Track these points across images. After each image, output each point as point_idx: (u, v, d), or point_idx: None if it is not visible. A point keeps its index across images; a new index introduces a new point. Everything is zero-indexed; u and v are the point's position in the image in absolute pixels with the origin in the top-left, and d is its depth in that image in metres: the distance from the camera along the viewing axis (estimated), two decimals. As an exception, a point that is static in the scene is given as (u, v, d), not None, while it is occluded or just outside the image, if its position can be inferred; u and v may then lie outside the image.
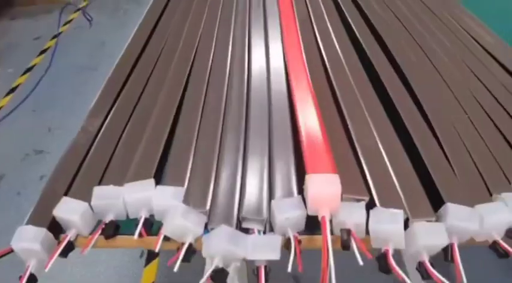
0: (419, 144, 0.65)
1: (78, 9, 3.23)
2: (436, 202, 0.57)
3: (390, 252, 0.52)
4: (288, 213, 0.53)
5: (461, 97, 0.75)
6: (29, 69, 2.64)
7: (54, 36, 2.96)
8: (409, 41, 0.92)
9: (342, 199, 0.55)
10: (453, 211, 0.55)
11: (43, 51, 2.80)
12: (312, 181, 0.52)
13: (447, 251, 0.54)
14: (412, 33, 0.95)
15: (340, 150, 0.62)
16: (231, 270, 0.53)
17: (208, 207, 0.55)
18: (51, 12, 3.24)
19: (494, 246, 0.55)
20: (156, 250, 0.54)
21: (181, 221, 0.53)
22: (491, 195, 0.59)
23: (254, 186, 0.58)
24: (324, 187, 0.52)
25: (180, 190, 0.57)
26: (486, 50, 0.89)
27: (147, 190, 0.58)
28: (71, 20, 3.15)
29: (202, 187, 0.58)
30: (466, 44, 0.92)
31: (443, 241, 0.52)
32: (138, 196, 0.58)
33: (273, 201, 0.55)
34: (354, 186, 0.56)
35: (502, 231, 0.56)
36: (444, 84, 0.79)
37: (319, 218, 0.51)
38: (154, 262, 1.53)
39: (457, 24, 0.99)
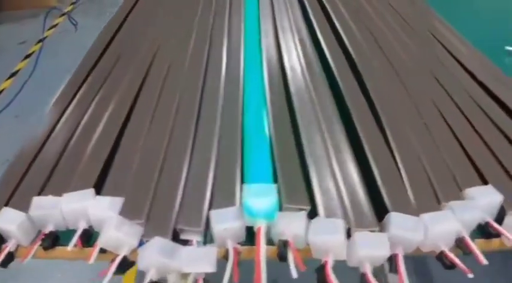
0: (370, 151, 0.63)
1: (64, 14, 3.23)
2: (384, 212, 0.56)
3: (329, 264, 0.51)
4: (226, 224, 0.52)
5: (420, 103, 0.74)
6: (13, 74, 2.62)
7: (40, 41, 2.94)
8: (373, 46, 0.90)
9: (281, 209, 0.53)
10: (396, 220, 0.53)
11: (28, 56, 2.79)
12: (245, 191, 0.51)
13: (391, 262, 0.53)
14: (377, 38, 0.94)
15: (285, 157, 0.60)
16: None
17: (144, 218, 0.54)
18: (37, 17, 3.23)
19: (441, 256, 0.54)
20: (90, 262, 0.53)
21: (114, 233, 0.52)
22: (440, 203, 0.58)
23: (194, 196, 0.56)
24: (259, 198, 0.50)
25: (118, 201, 0.56)
26: (457, 59, 0.87)
27: (85, 201, 0.56)
28: (56, 24, 3.15)
29: (140, 198, 0.56)
30: (435, 51, 0.90)
31: (384, 252, 0.51)
32: (76, 206, 0.56)
33: (211, 211, 0.53)
34: (295, 195, 0.55)
35: (449, 240, 0.54)
36: (404, 89, 0.77)
37: (255, 229, 0.50)
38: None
39: (429, 32, 0.98)
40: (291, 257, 0.49)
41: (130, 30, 1.03)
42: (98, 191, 0.59)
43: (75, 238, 0.55)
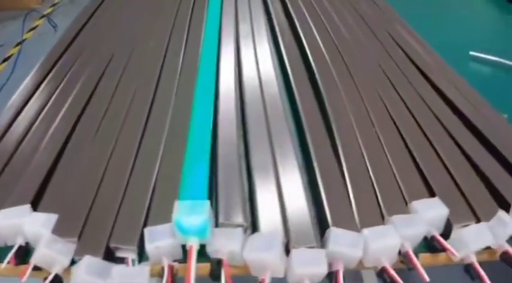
0: (317, 161, 0.62)
1: (44, 16, 3.19)
2: (327, 227, 0.55)
3: (267, 281, 0.50)
4: (159, 242, 0.50)
5: (374, 112, 0.73)
6: (-10, 78, 2.59)
7: (18, 43, 2.91)
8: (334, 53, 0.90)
9: (218, 225, 0.52)
10: (336, 236, 0.52)
11: (6, 59, 2.75)
12: (177, 208, 0.50)
13: (332, 278, 0.52)
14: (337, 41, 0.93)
15: (226, 171, 0.59)
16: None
17: (76, 236, 0.52)
18: (16, 19, 3.19)
19: (381, 273, 0.53)
20: (23, 279, 0.51)
21: (45, 250, 0.50)
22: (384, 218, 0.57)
23: (130, 213, 0.55)
24: (190, 215, 0.49)
25: (53, 218, 0.54)
26: (419, 69, 0.86)
27: (20, 217, 0.55)
28: (35, 27, 3.11)
29: (74, 215, 0.54)
30: (398, 62, 0.89)
31: (322, 269, 0.50)
32: (11, 222, 0.55)
33: (145, 229, 0.52)
34: (232, 211, 0.53)
35: (391, 256, 0.53)
36: (360, 99, 0.77)
37: (187, 247, 0.49)
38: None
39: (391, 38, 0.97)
40: (223, 276, 0.48)
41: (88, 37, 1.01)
42: (35, 207, 0.57)
43: (10, 255, 0.53)
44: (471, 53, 0.99)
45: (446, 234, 0.57)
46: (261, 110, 0.72)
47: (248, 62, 0.85)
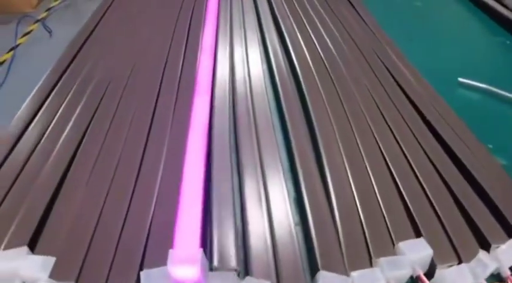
0: (308, 200, 0.64)
1: (38, 20, 3.16)
2: (317, 269, 0.56)
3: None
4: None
5: (366, 147, 0.75)
6: (-17, 84, 2.57)
7: (12, 49, 2.89)
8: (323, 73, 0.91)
9: (212, 269, 0.54)
10: (325, 279, 0.54)
11: (-1, 65, 2.73)
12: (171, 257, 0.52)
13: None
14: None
15: (221, 217, 0.61)
16: None
17: (74, 279, 0.54)
18: (9, 23, 3.16)
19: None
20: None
21: (43, 295, 0.52)
22: (371, 259, 0.59)
23: (128, 256, 0.56)
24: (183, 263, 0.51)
25: (51, 261, 0.56)
26: (409, 98, 0.88)
27: (17, 260, 0.56)
28: (29, 31, 3.08)
29: (72, 259, 0.56)
30: (388, 91, 0.90)
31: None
32: (8, 266, 0.56)
33: (141, 272, 0.54)
34: (226, 255, 0.55)
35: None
36: (351, 131, 0.78)
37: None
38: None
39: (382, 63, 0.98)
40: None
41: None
42: (32, 248, 0.58)
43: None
44: (460, 79, 1.01)
45: (430, 274, 0.59)
46: (255, 144, 0.74)
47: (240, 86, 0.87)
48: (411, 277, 0.59)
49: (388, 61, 0.98)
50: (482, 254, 0.59)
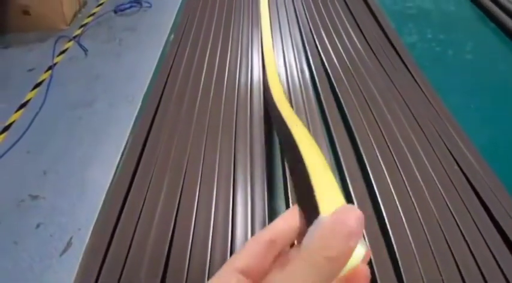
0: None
1: (74, 37, 3.19)
2: None
3: None
4: None
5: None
6: (23, 105, 2.61)
7: (49, 68, 2.92)
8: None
9: None
10: None
11: (37, 85, 2.77)
12: None
13: None
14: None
15: None
16: None
17: None
18: (45, 41, 3.19)
19: None
20: None
21: None
22: None
23: None
24: None
25: None
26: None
27: None
28: (65, 50, 3.11)
29: None
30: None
31: None
32: None
33: None
34: None
35: None
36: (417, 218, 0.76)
37: None
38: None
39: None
40: None
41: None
42: None
43: None
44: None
45: None
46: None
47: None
48: None
49: (449, 142, 0.89)
50: None
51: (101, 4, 3.83)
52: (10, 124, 2.50)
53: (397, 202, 0.71)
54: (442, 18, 1.32)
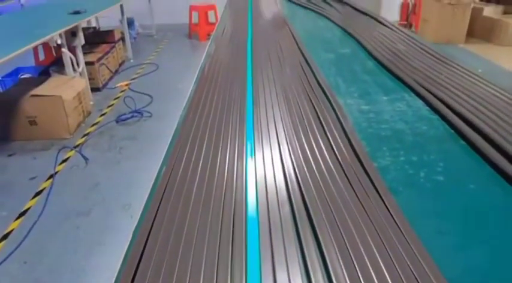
0: None
1: (75, 147, 3.34)
2: None
3: None
4: None
5: None
6: (22, 213, 2.66)
7: (50, 176, 3.02)
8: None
9: None
10: None
11: (38, 193, 2.84)
12: None
13: None
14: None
15: None
16: None
17: None
18: (49, 149, 3.34)
19: None
20: None
21: None
22: None
23: None
24: None
25: None
26: None
27: None
28: (67, 159, 3.24)
29: None
30: None
31: None
32: None
33: None
34: None
35: None
36: None
37: None
38: None
39: None
40: None
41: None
42: None
43: None
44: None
45: None
46: None
47: None
48: None
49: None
50: None
51: (104, 114, 4.04)
52: (9, 233, 2.53)
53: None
54: (415, 137, 1.42)
